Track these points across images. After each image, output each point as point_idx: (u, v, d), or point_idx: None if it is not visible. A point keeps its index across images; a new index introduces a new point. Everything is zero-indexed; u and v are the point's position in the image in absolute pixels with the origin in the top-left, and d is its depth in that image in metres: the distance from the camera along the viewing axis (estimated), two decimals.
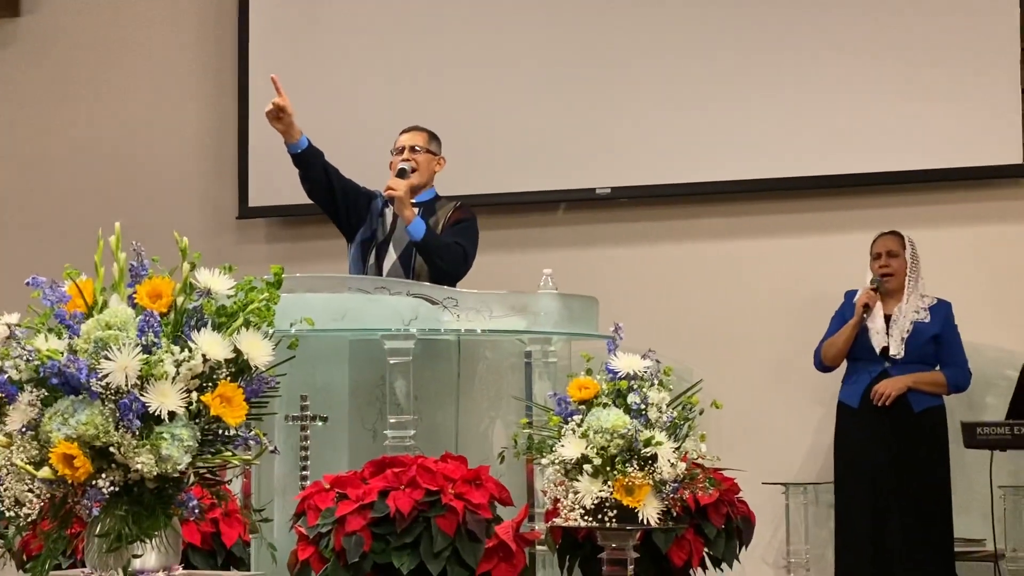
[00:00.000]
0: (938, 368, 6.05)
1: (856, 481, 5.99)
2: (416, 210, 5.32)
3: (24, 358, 2.77)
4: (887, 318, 6.06)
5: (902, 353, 5.99)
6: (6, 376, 2.80)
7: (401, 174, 5.34)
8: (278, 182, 6.86)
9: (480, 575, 3.97)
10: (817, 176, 6.78)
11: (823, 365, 6.20)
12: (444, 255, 5.27)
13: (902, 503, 5.88)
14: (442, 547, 3.92)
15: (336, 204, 5.44)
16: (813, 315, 6.36)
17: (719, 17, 6.93)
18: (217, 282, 2.88)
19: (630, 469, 3.71)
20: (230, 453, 2.85)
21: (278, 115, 5.23)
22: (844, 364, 6.16)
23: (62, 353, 2.76)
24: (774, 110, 6.81)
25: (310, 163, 5.36)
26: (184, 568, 3.00)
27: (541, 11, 7.18)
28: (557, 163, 7.08)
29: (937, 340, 6.04)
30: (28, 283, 2.89)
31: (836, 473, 6.13)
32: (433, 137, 5.55)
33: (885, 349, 6.01)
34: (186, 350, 2.77)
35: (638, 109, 6.99)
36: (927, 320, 6.04)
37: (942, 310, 6.08)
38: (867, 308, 6.03)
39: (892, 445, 5.93)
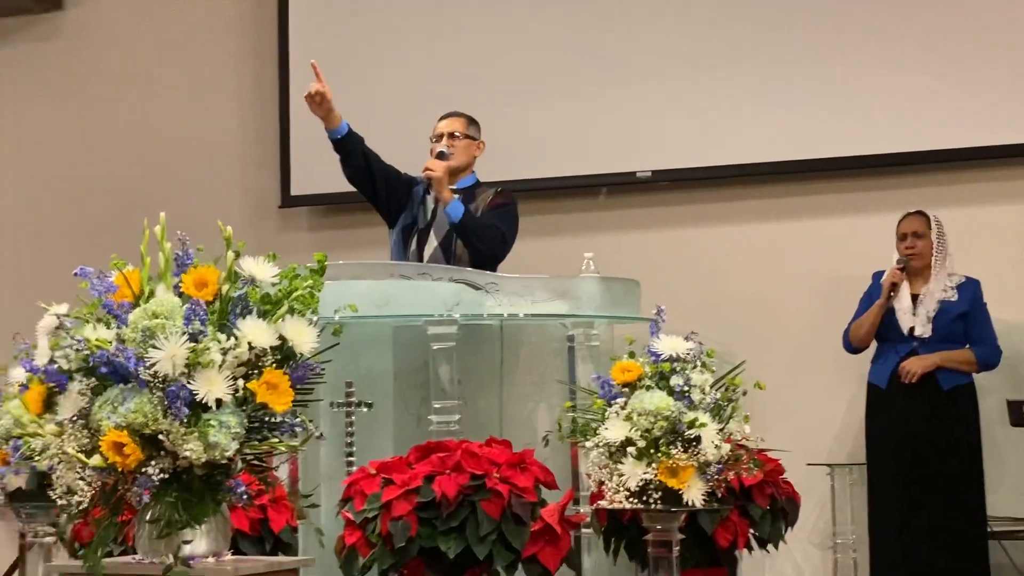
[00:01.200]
0: (967, 346, 6.02)
1: (887, 461, 5.97)
2: (456, 196, 5.33)
3: (74, 348, 2.81)
4: (914, 298, 6.04)
5: (928, 333, 5.96)
6: (56, 366, 2.84)
7: (440, 157, 5.35)
8: (320, 171, 6.88)
9: (526, 558, 3.99)
10: (850, 157, 6.75)
11: (851, 347, 6.19)
12: (482, 236, 5.27)
13: (933, 482, 5.85)
14: (488, 531, 3.93)
15: (376, 190, 5.45)
16: (846, 295, 6.33)
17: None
18: (261, 270, 2.90)
19: (674, 451, 3.71)
20: (277, 439, 2.87)
21: (318, 101, 5.25)
22: (873, 344, 6.15)
23: (111, 342, 2.79)
24: (807, 92, 6.78)
25: (350, 149, 5.37)
26: (233, 554, 3.04)
27: None
28: (598, 147, 7.08)
29: (965, 318, 6.00)
30: (76, 274, 2.93)
31: (867, 453, 6.11)
32: (472, 122, 5.55)
33: (912, 329, 5.99)
34: (232, 338, 2.80)
35: (677, 93, 6.97)
36: (954, 299, 6.01)
37: (970, 288, 6.04)
38: (894, 287, 6.01)
39: (921, 424, 5.91)
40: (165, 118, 7.91)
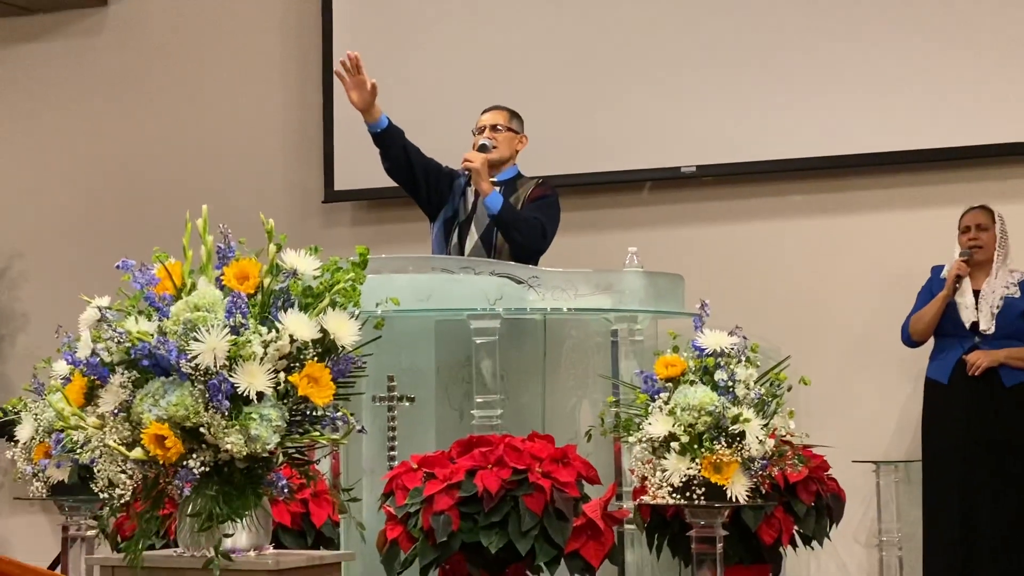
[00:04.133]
0: None
1: (946, 459, 5.91)
2: (497, 187, 5.31)
3: (115, 340, 2.81)
4: (976, 293, 5.97)
5: (992, 328, 5.90)
6: (98, 359, 2.83)
7: (482, 149, 5.34)
8: (363, 166, 6.87)
9: (568, 554, 3.97)
10: (904, 151, 6.67)
11: (911, 340, 6.11)
12: (522, 229, 5.25)
13: (993, 481, 5.79)
14: (530, 526, 3.92)
15: (416, 183, 5.44)
16: (899, 291, 6.27)
17: None
18: (303, 263, 2.90)
19: (718, 446, 3.69)
20: (318, 433, 2.87)
21: (356, 81, 5.22)
22: (931, 341, 6.08)
23: (152, 335, 2.79)
24: (859, 85, 6.71)
25: (390, 142, 5.36)
26: (274, 548, 3.03)
27: None
28: (642, 142, 7.04)
29: None
30: (118, 266, 2.93)
31: (925, 451, 6.04)
32: (514, 115, 5.54)
33: (975, 324, 5.92)
34: (273, 331, 2.79)
35: (722, 87, 6.91)
36: (1017, 295, 5.94)
37: None
38: (959, 279, 5.94)
39: (983, 421, 5.84)
40: (209, 113, 7.93)
